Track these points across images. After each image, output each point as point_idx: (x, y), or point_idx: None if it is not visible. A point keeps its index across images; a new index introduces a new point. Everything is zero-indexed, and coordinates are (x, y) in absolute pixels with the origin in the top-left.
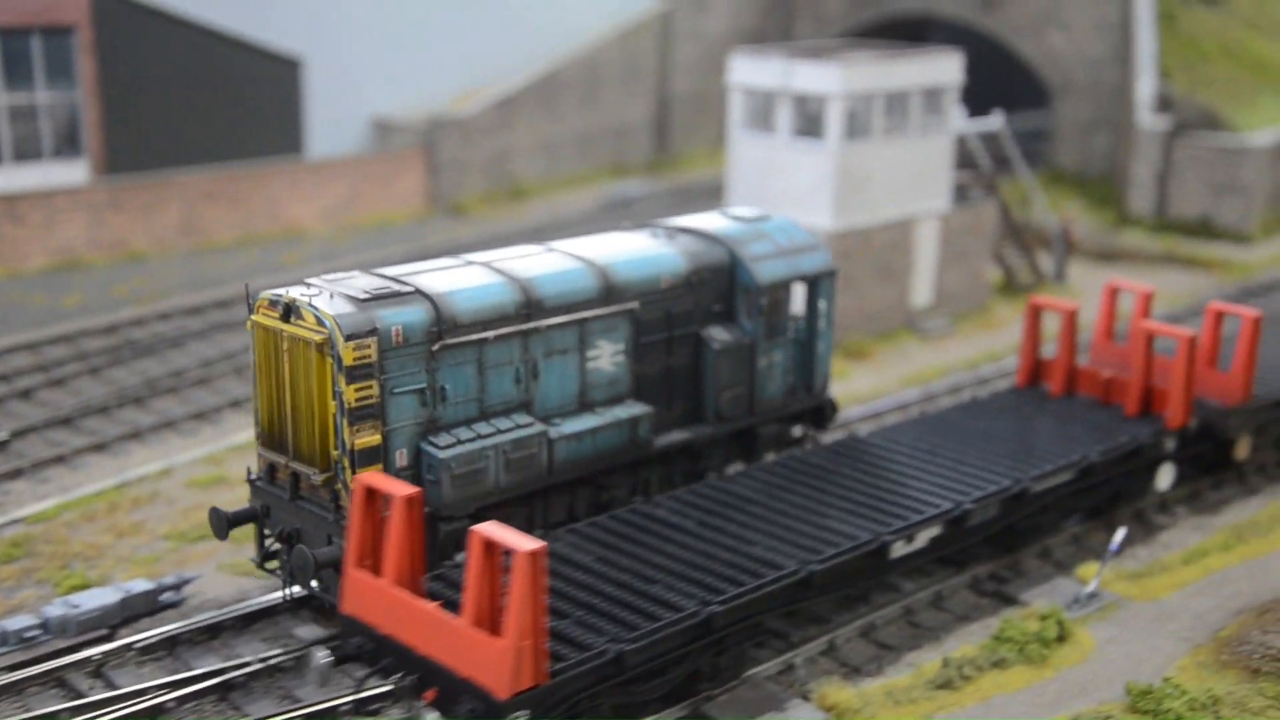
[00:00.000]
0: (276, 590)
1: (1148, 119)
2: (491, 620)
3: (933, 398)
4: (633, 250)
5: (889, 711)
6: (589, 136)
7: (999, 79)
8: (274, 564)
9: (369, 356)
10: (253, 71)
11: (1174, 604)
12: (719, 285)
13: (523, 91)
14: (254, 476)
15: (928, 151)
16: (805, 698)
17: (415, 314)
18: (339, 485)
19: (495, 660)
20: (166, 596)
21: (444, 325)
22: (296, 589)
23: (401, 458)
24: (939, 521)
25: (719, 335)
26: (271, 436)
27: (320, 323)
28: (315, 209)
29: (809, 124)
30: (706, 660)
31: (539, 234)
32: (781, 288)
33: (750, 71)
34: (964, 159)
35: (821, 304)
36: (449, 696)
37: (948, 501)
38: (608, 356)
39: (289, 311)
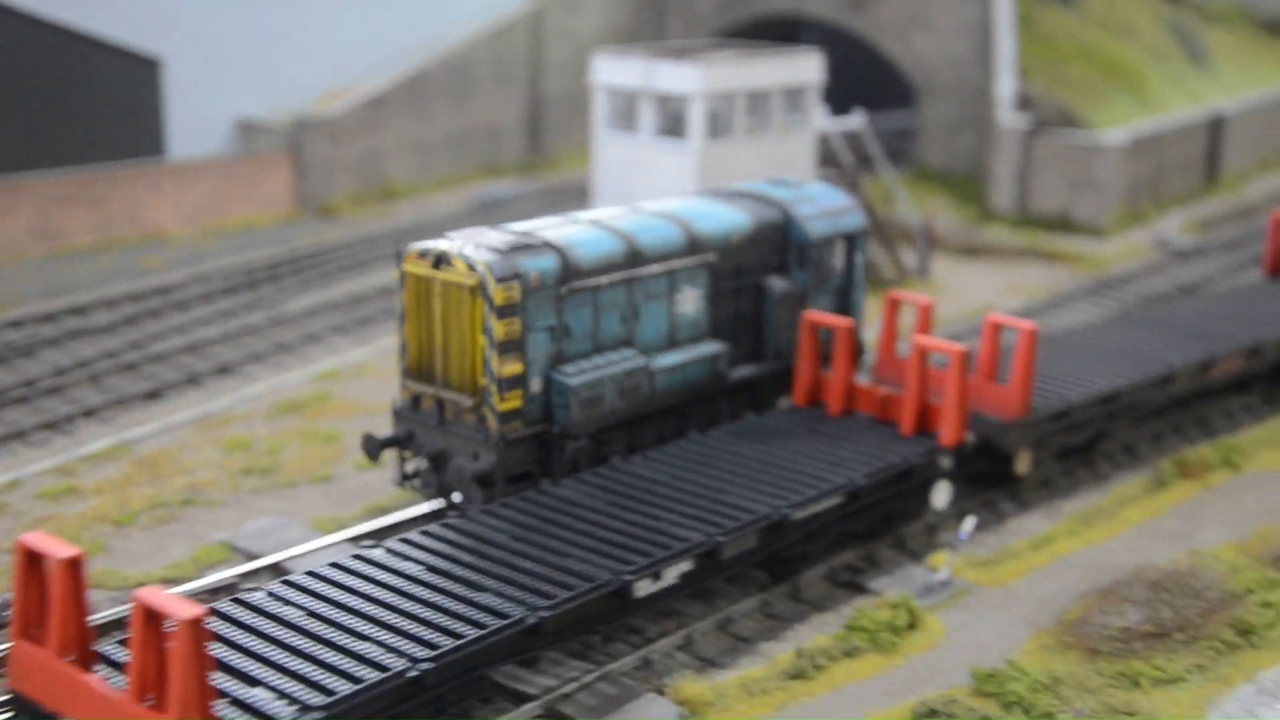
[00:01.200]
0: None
1: (1008, 117)
2: (158, 693)
3: None
4: (707, 210)
5: (743, 703)
6: (461, 137)
7: (868, 79)
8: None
9: (514, 298)
10: (110, 71)
11: (1021, 589)
12: (777, 241)
13: (392, 91)
14: (398, 406)
15: (790, 149)
16: (660, 692)
17: (548, 262)
18: (485, 409)
19: None
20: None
21: (570, 272)
22: (455, 497)
23: (536, 385)
24: (689, 556)
25: (778, 284)
26: (420, 370)
27: (472, 269)
28: (178, 212)
29: (672, 123)
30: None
31: (409, 235)
32: (827, 243)
33: (613, 72)
34: (827, 157)
35: (858, 258)
36: None
37: (699, 534)
38: (690, 301)
39: (439, 260)
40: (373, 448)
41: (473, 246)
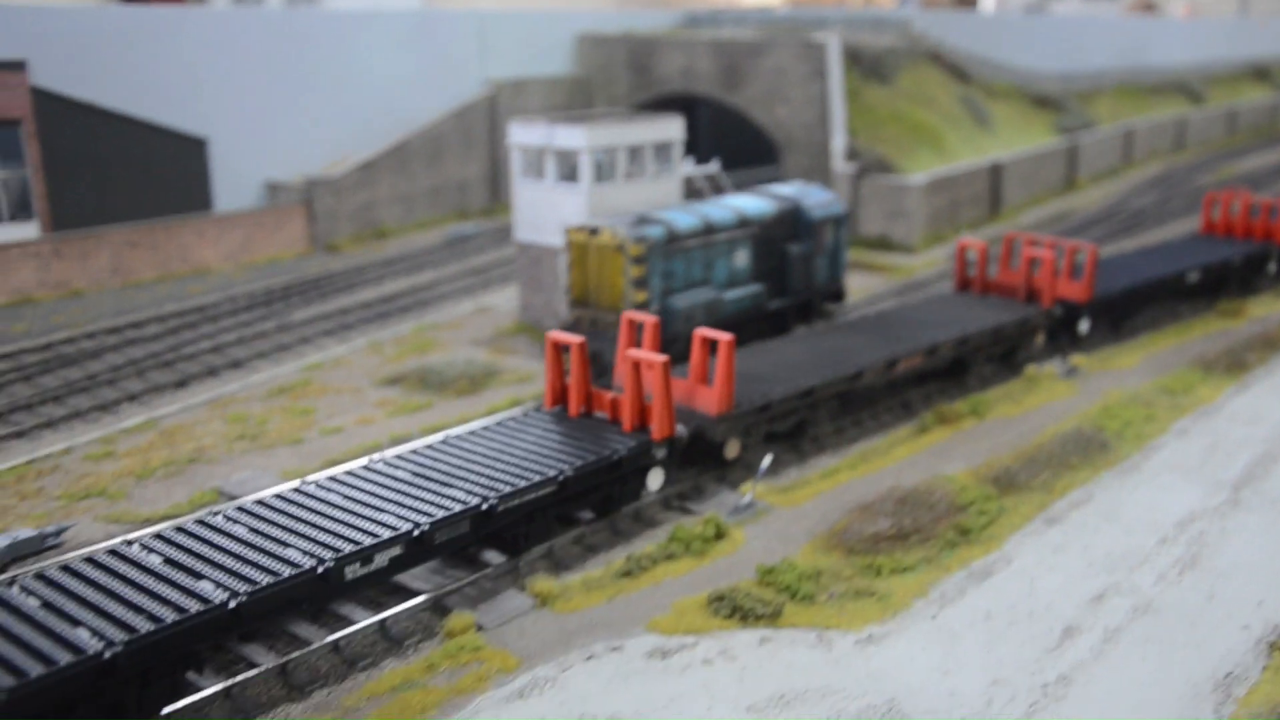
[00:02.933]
0: None
1: (841, 165)
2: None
3: None
4: (751, 202)
5: (581, 595)
6: (436, 190)
7: (747, 139)
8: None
9: (641, 252)
10: (169, 149)
11: (808, 508)
12: (791, 220)
13: (381, 156)
14: (559, 324)
15: (661, 190)
16: (521, 589)
17: (659, 230)
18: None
19: None
20: (49, 540)
21: (672, 237)
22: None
23: (654, 307)
24: (399, 543)
25: (794, 248)
26: (582, 300)
27: (615, 236)
28: (219, 252)
29: (569, 171)
30: (130, 694)
31: (393, 264)
32: (823, 223)
33: (524, 134)
34: (692, 194)
35: (842, 232)
36: None
37: (408, 523)
38: (742, 258)
39: (593, 232)
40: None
41: (615, 223)
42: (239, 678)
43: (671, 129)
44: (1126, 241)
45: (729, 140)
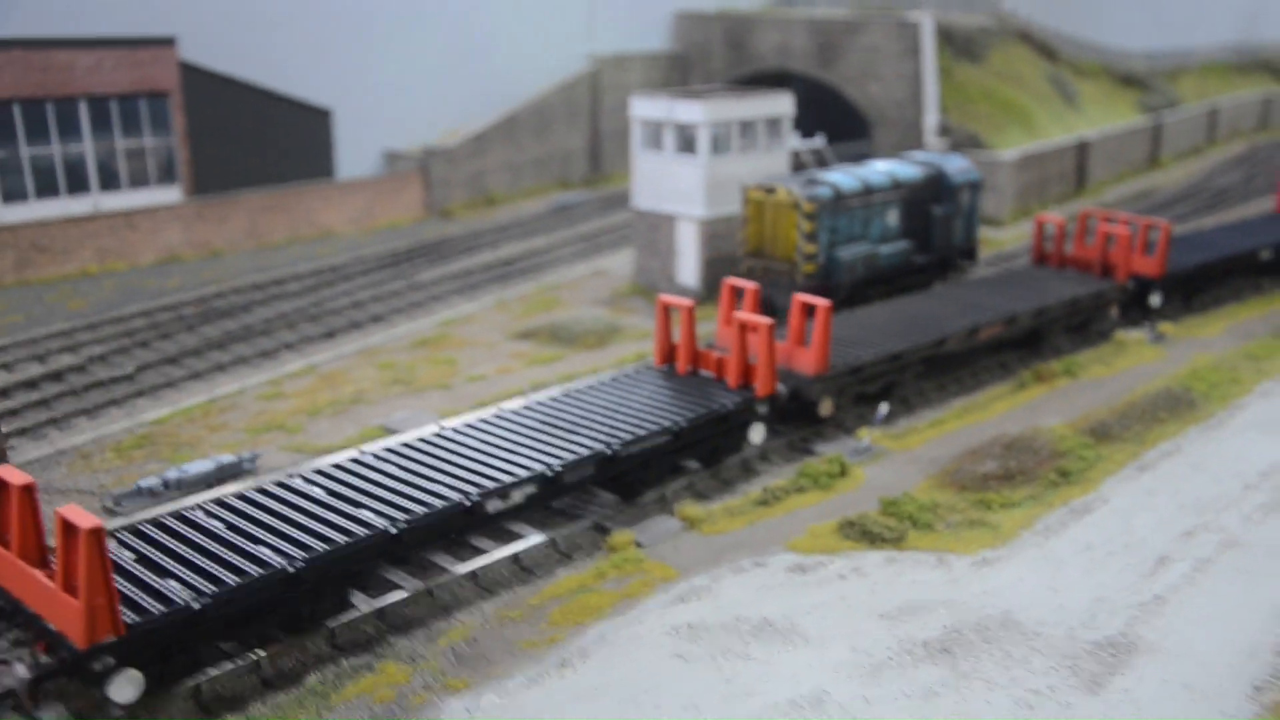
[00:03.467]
0: None
1: (933, 141)
2: (71, 584)
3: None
4: (901, 168)
5: (724, 520)
6: (542, 160)
7: (839, 115)
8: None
9: (812, 210)
10: (297, 119)
11: (919, 452)
12: (935, 184)
13: (491, 128)
14: (741, 271)
15: (771, 161)
16: (670, 514)
17: (827, 190)
18: (795, 273)
19: (74, 617)
20: (245, 465)
21: (838, 196)
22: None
23: (821, 258)
24: (535, 481)
25: (937, 209)
26: (756, 251)
27: (790, 194)
28: (343, 216)
29: (686, 144)
30: (306, 607)
31: (506, 230)
32: (961, 187)
33: (645, 108)
34: (799, 167)
35: (977, 197)
36: (51, 647)
37: (540, 465)
38: (894, 217)
39: (769, 191)
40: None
41: (789, 183)
42: (439, 579)
43: (782, 105)
44: (1208, 219)
45: (822, 116)
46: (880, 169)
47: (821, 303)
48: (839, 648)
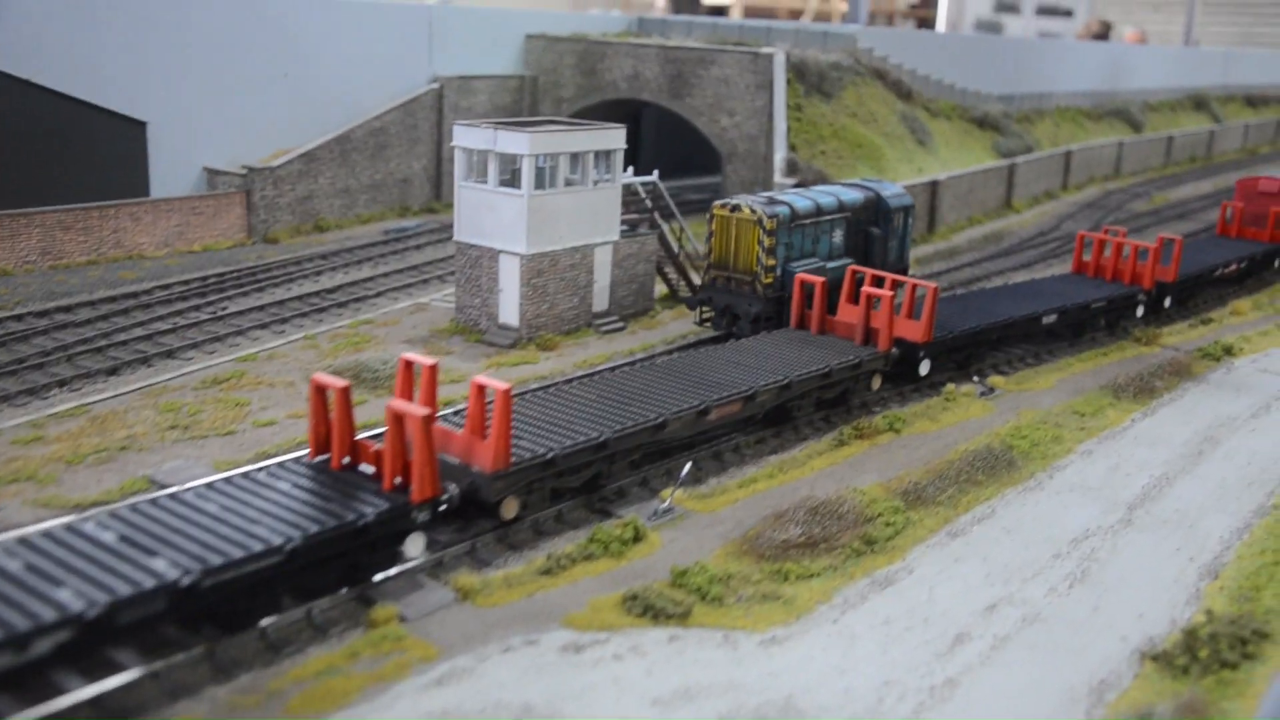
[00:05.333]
0: None
1: (780, 179)
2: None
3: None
4: (846, 191)
5: (502, 591)
6: (379, 184)
7: (694, 148)
8: (708, 321)
9: (773, 226)
10: (107, 131)
11: (724, 515)
12: (874, 208)
13: (322, 148)
14: (700, 283)
15: (601, 197)
16: (445, 583)
17: (785, 209)
18: (757, 283)
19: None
20: None
21: (793, 215)
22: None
23: (778, 271)
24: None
25: (875, 231)
26: (720, 264)
27: (753, 211)
28: (154, 238)
29: (511, 176)
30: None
31: (331, 258)
32: (897, 211)
33: (468, 137)
34: (631, 203)
35: (909, 221)
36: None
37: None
38: (839, 236)
39: (734, 208)
40: (692, 301)
41: (752, 201)
42: (161, 663)
43: (614, 138)
44: (1057, 264)
45: (675, 148)
46: (827, 191)
47: (500, 385)
48: None
